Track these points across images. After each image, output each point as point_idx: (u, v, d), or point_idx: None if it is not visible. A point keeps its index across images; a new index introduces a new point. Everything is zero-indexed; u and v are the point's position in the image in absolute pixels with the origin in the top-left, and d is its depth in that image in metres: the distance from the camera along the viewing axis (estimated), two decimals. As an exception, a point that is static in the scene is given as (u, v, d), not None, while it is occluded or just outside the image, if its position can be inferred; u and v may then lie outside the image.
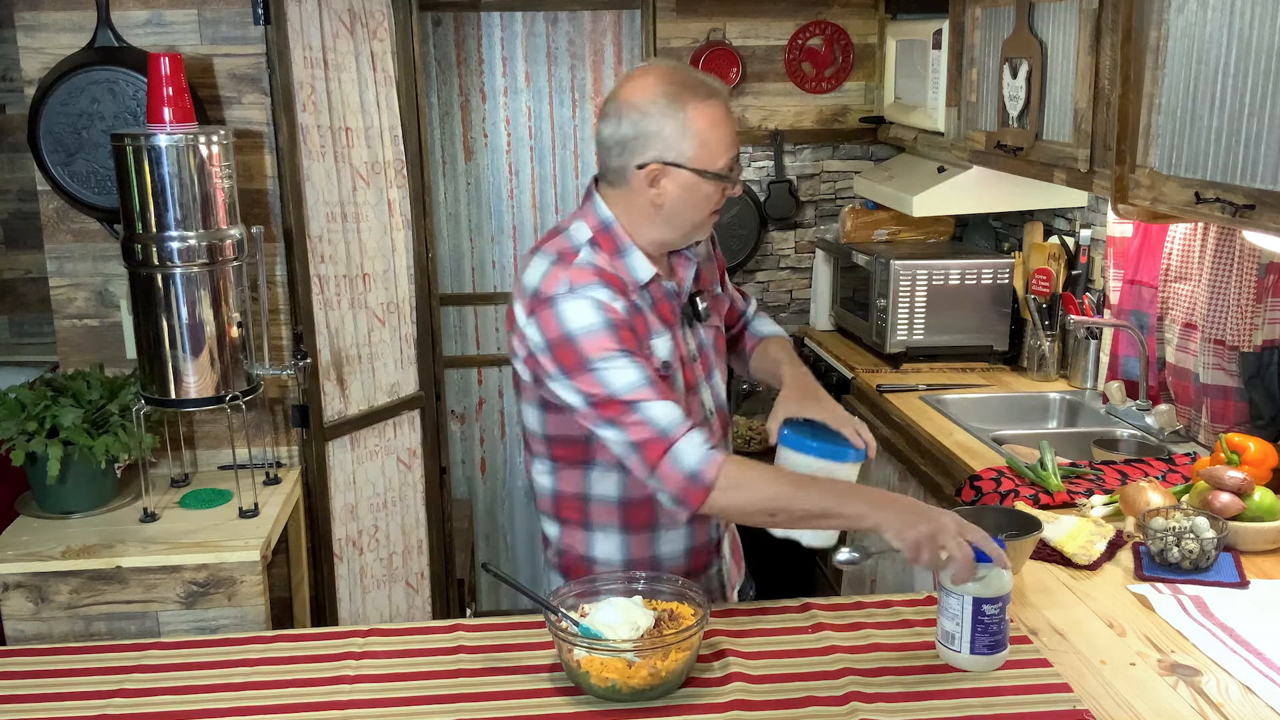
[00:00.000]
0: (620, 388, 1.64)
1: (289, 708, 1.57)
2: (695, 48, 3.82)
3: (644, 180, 1.71)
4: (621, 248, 1.76)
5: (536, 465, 1.85)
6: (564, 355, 1.67)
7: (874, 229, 3.82)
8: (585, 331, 1.65)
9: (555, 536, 1.89)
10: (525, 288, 1.76)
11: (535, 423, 1.81)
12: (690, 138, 1.69)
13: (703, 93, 1.70)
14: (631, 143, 1.70)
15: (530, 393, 1.79)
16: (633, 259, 1.75)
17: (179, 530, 2.50)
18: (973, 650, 1.62)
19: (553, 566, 1.93)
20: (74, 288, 2.77)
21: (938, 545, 1.57)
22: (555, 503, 1.85)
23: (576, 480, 1.81)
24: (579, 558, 1.86)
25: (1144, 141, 2.21)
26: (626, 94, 1.71)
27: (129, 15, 2.64)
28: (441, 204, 3.93)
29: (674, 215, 1.74)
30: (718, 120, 1.71)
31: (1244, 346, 2.43)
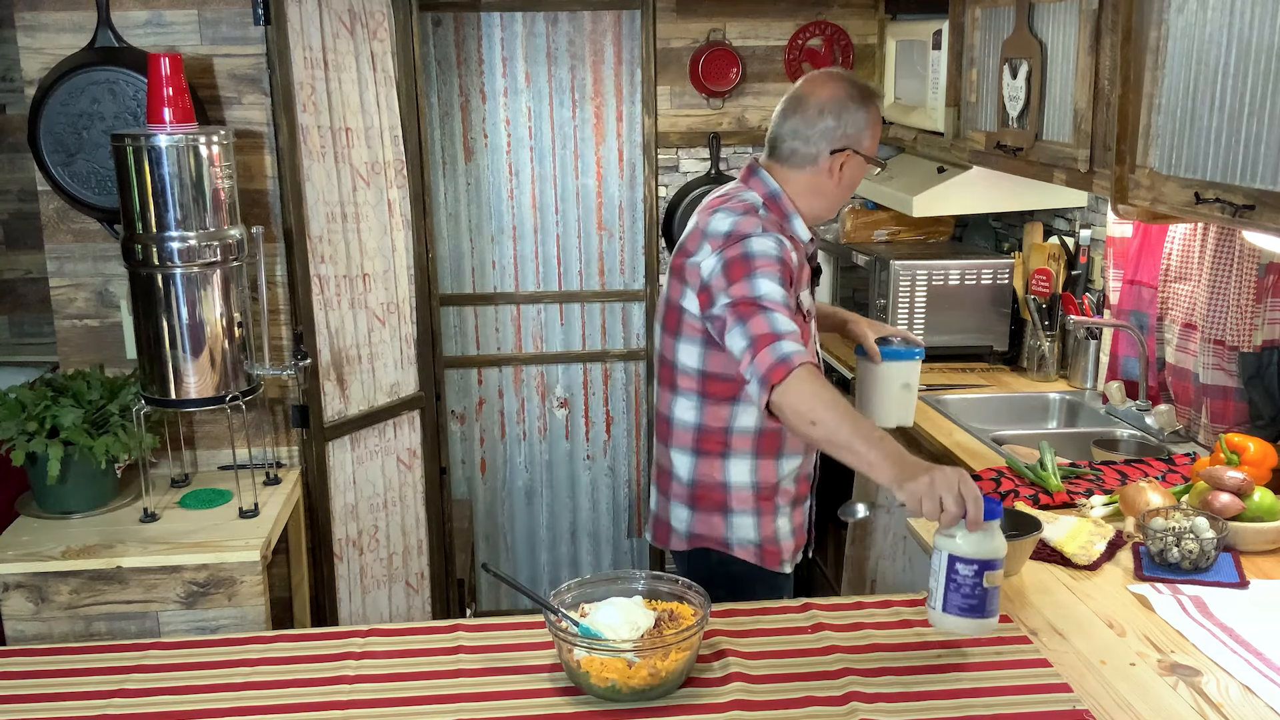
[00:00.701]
0: (763, 294, 1.95)
1: (289, 708, 1.57)
2: (695, 48, 3.82)
3: (834, 164, 2.12)
4: (787, 214, 2.13)
5: (680, 402, 2.14)
6: (734, 267, 1.99)
7: (874, 229, 3.82)
8: (761, 254, 1.99)
9: (689, 467, 2.16)
10: (714, 233, 2.06)
11: (694, 360, 2.10)
12: (870, 133, 2.13)
13: (874, 97, 2.14)
14: (830, 132, 2.10)
15: (695, 329, 2.08)
16: (796, 223, 2.13)
17: (179, 530, 2.50)
18: (944, 608, 1.63)
19: (679, 498, 2.19)
20: (74, 288, 2.77)
21: (936, 496, 1.64)
22: (697, 435, 2.14)
23: (722, 415, 2.11)
24: (715, 484, 2.14)
25: (1144, 141, 2.21)
26: (825, 94, 2.11)
27: (129, 15, 2.64)
28: (441, 204, 3.94)
29: (842, 192, 2.16)
30: (880, 119, 2.17)
31: (1244, 346, 2.43)
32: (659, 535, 2.26)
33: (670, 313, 2.13)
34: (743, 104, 3.88)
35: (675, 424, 2.16)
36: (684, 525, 2.19)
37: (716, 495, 2.14)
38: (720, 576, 2.17)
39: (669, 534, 2.23)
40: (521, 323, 4.05)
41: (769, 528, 2.18)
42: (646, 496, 4.16)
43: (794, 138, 2.13)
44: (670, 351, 2.15)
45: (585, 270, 4.03)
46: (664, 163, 3.92)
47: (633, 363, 4.10)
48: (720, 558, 2.18)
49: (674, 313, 2.12)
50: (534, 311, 4.04)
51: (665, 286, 2.17)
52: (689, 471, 2.16)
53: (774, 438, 2.13)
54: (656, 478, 2.26)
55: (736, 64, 3.82)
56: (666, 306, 2.15)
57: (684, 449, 2.16)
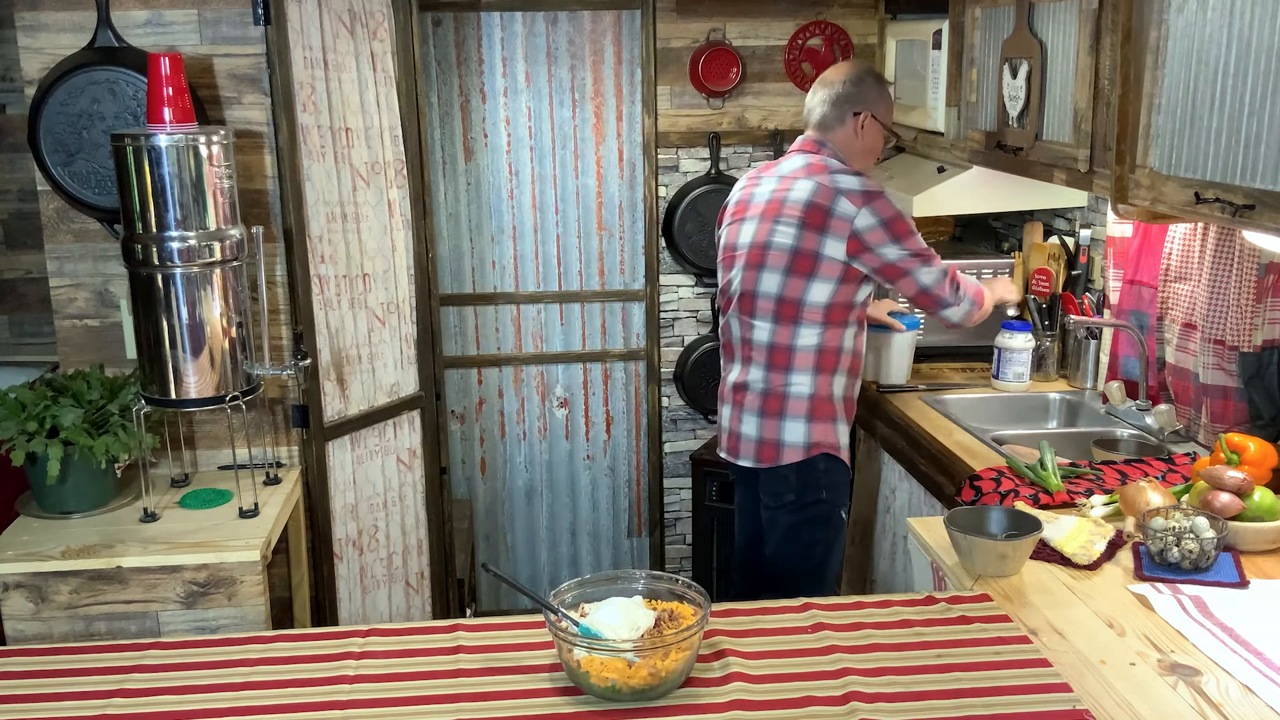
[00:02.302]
0: (925, 245, 2.68)
1: (289, 708, 1.57)
2: (695, 48, 3.82)
3: (855, 124, 2.76)
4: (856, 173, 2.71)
5: (804, 331, 2.67)
6: (896, 224, 2.63)
7: (874, 229, 3.82)
8: (901, 215, 2.65)
9: (810, 384, 2.71)
10: (849, 189, 2.64)
11: (825, 295, 2.65)
12: (885, 102, 2.79)
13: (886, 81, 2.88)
14: (851, 98, 2.75)
15: (833, 271, 2.64)
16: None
17: (179, 530, 2.50)
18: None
19: (796, 414, 2.71)
20: (74, 288, 2.77)
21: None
22: (818, 357, 2.69)
23: (837, 337, 2.70)
24: (827, 397, 2.71)
25: (1144, 141, 2.21)
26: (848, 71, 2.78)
27: (129, 15, 2.64)
28: (441, 204, 3.94)
29: (862, 153, 2.79)
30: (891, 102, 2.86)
31: (1244, 346, 2.43)
32: (763, 454, 2.74)
33: (803, 259, 2.64)
34: (743, 104, 3.88)
35: (798, 350, 2.69)
36: (801, 437, 2.70)
37: (828, 407, 2.71)
38: (827, 476, 2.73)
39: (779, 450, 2.73)
40: (521, 323, 4.05)
41: (846, 435, 2.78)
42: (647, 496, 4.17)
43: (823, 105, 2.76)
44: (798, 291, 2.65)
45: (585, 270, 4.03)
46: (664, 163, 3.92)
47: (633, 363, 4.09)
48: (829, 462, 2.73)
49: (808, 259, 2.63)
50: (534, 311, 4.04)
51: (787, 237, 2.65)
52: (810, 388, 2.70)
53: (857, 359, 2.77)
54: (762, 405, 2.73)
55: (736, 64, 3.82)
56: (796, 255, 2.64)
57: (805, 370, 2.69)
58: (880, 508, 3.05)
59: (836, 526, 2.80)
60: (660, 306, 4.03)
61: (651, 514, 4.19)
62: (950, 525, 1.98)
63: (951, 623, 1.77)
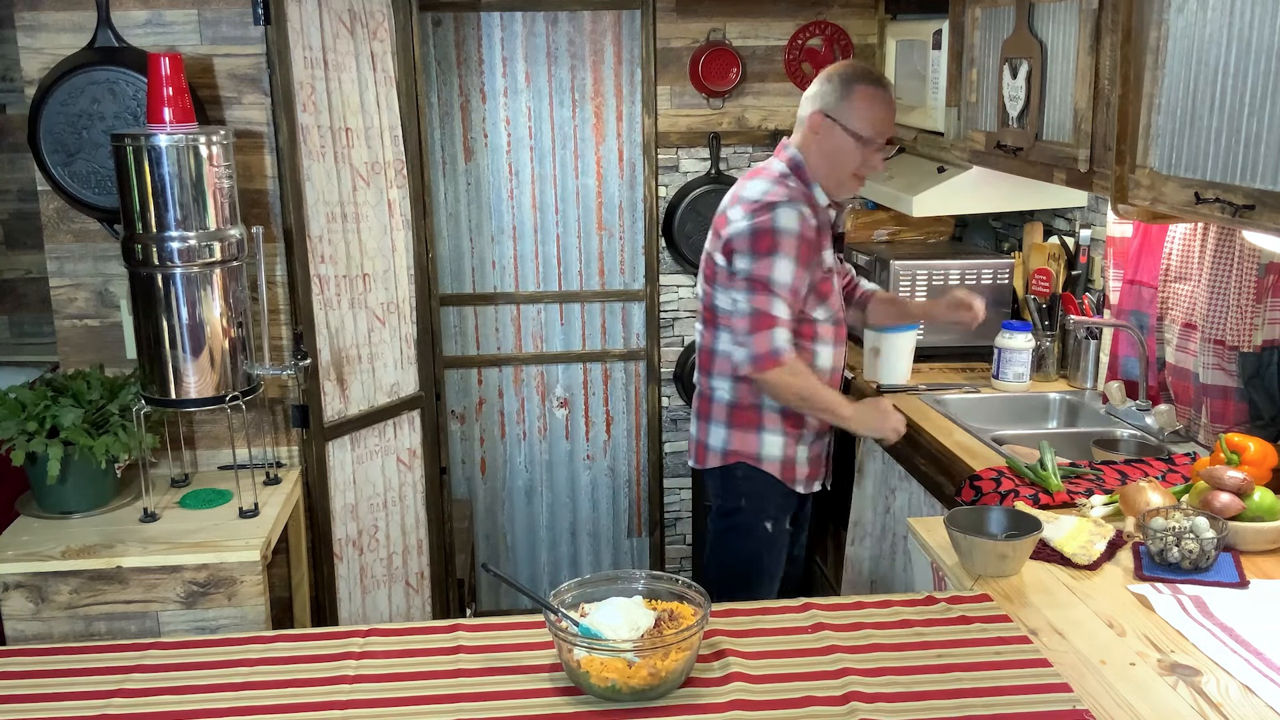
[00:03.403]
0: (776, 278, 2.43)
1: (289, 708, 1.57)
2: (695, 48, 3.82)
3: (809, 126, 2.52)
4: (808, 181, 2.55)
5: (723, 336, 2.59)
6: (761, 238, 2.43)
7: (874, 229, 3.82)
8: (785, 230, 2.42)
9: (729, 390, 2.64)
10: (746, 197, 2.50)
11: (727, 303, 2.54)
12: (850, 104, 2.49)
13: (871, 79, 2.52)
14: (811, 99, 2.55)
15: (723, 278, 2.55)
16: (816, 190, 2.55)
17: (179, 530, 2.50)
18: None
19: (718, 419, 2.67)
20: (74, 288, 2.77)
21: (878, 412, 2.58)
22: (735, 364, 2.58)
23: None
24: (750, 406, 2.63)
25: (1144, 141, 2.21)
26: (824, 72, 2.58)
27: (129, 15, 2.64)
28: (441, 204, 3.94)
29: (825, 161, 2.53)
30: (876, 100, 2.50)
31: (1244, 346, 2.43)
32: (697, 456, 2.73)
33: (709, 264, 2.60)
34: (743, 104, 3.88)
35: (717, 355, 2.64)
36: (720, 443, 2.65)
37: (751, 416, 2.62)
38: (747, 485, 2.65)
39: (705, 453, 2.69)
40: (521, 323, 4.05)
41: (791, 449, 2.64)
42: (647, 496, 4.17)
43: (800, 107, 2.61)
44: (709, 297, 2.61)
45: (585, 270, 4.03)
46: (664, 163, 3.92)
47: (633, 362, 4.09)
48: (749, 471, 2.64)
49: (710, 264, 2.59)
50: (534, 311, 4.04)
51: (708, 242, 2.63)
52: (729, 394, 2.63)
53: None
54: (697, 407, 2.73)
55: (736, 64, 3.82)
56: (706, 259, 2.61)
57: (724, 375, 2.63)
58: (880, 508, 3.05)
59: (761, 539, 2.70)
60: (660, 306, 4.03)
61: (651, 514, 4.19)
62: (950, 525, 1.98)
63: (951, 623, 1.77)
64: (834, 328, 2.63)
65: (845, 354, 2.73)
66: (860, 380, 3.27)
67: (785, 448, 2.65)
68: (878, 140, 2.52)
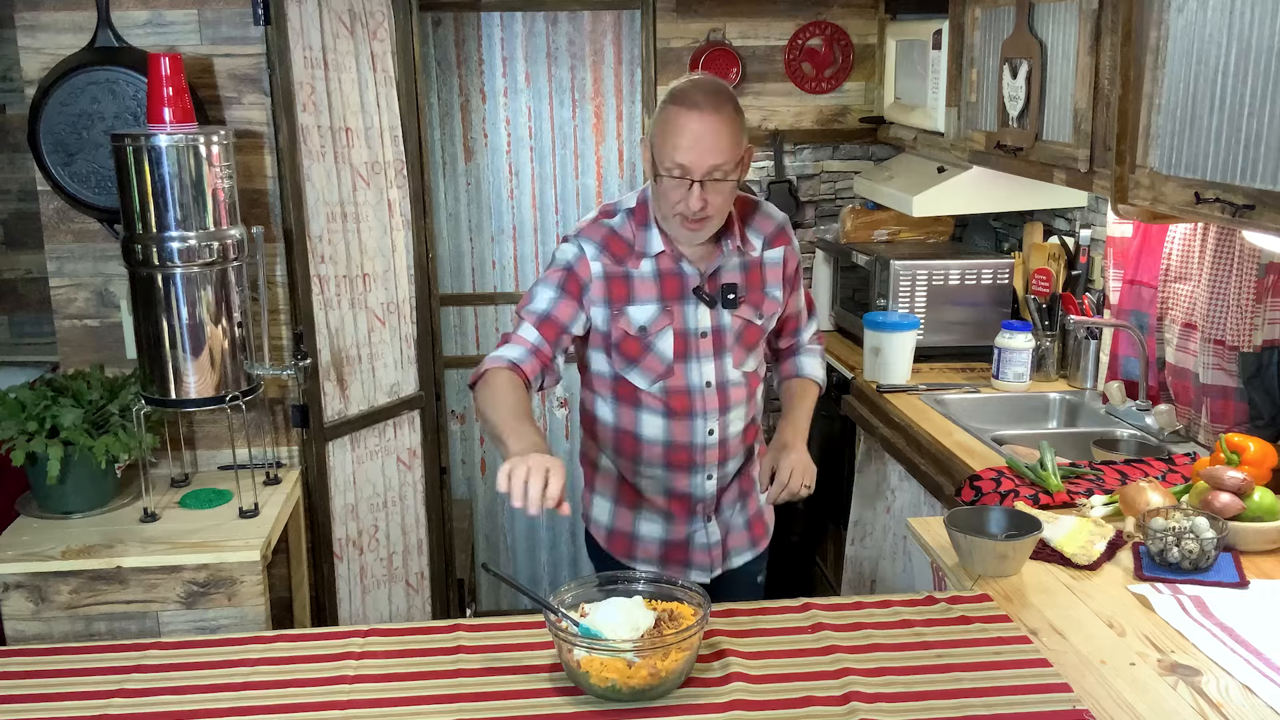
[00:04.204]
0: (528, 306, 2.08)
1: (289, 708, 1.57)
2: (695, 48, 3.82)
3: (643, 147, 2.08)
4: (646, 222, 2.09)
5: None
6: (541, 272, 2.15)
7: (874, 229, 3.82)
8: (555, 261, 2.10)
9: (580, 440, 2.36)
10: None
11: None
12: (658, 127, 1.99)
13: (687, 102, 1.95)
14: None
15: None
16: (650, 233, 2.08)
17: (179, 530, 2.50)
18: None
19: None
20: (74, 288, 2.77)
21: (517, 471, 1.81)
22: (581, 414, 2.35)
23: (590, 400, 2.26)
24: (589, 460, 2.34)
25: (1144, 142, 2.21)
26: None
27: (129, 15, 2.64)
28: (441, 204, 3.93)
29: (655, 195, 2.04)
30: (680, 127, 1.94)
31: (1244, 346, 2.43)
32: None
33: None
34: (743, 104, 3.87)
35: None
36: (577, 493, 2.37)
37: (588, 471, 2.34)
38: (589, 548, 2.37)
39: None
40: (521, 323, 4.05)
41: (607, 514, 2.29)
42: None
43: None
44: None
45: (585, 270, 4.03)
46: (664, 163, 3.91)
47: (633, 363, 4.09)
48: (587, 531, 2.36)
49: None
50: (534, 311, 4.04)
51: None
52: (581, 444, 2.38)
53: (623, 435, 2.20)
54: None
55: (736, 64, 3.82)
56: None
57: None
58: (880, 508, 3.05)
59: None
60: (660, 306, 4.03)
61: (651, 514, 4.18)
62: (950, 525, 1.98)
63: (951, 623, 1.77)
64: (664, 398, 2.12)
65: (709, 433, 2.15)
66: (860, 380, 3.28)
67: (615, 517, 2.27)
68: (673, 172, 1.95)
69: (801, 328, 2.35)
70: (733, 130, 1.96)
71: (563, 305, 2.06)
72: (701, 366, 2.13)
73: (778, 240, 2.19)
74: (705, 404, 2.14)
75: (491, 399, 1.95)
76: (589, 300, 2.08)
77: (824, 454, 3.58)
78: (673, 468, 2.18)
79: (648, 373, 2.11)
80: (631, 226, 2.09)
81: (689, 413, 2.14)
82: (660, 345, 2.10)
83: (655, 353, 2.10)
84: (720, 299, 2.11)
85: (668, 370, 2.10)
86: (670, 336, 2.10)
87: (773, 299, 2.18)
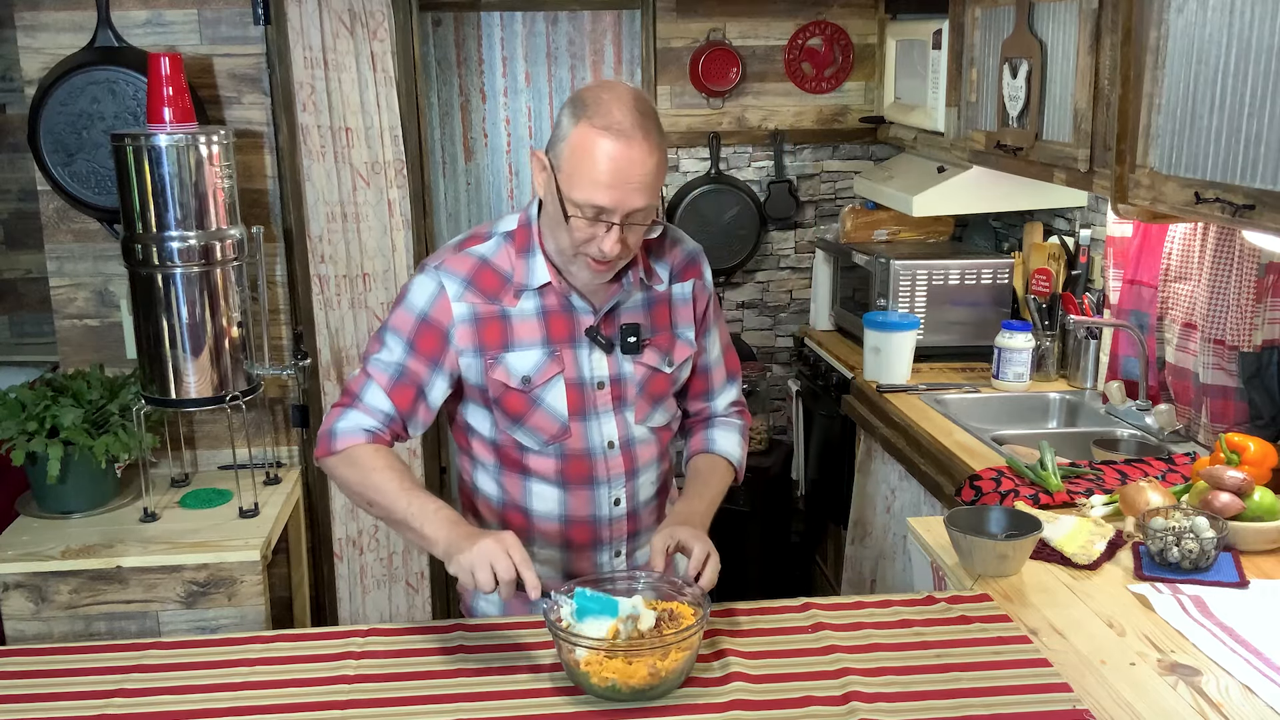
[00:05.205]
0: (376, 355, 1.74)
1: (288, 708, 1.57)
2: (695, 48, 3.82)
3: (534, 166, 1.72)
4: (529, 248, 1.77)
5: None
6: (394, 304, 1.78)
7: (874, 229, 3.82)
8: (406, 305, 1.74)
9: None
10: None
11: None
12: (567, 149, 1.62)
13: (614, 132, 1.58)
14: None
15: None
16: (533, 261, 1.76)
17: (179, 530, 2.50)
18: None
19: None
20: (74, 288, 2.77)
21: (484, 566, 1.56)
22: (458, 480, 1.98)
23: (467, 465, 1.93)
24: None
25: (1144, 141, 2.21)
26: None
27: (129, 15, 2.64)
28: (441, 204, 3.93)
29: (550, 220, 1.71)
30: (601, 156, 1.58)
31: (1244, 346, 2.43)
32: None
33: None
34: (743, 104, 3.88)
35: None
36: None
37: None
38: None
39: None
40: (521, 323, 4.05)
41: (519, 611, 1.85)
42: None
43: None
44: None
45: (585, 270, 4.03)
46: (664, 163, 3.91)
47: (633, 363, 4.09)
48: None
49: None
50: (534, 311, 4.04)
51: None
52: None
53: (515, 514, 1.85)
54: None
55: (736, 64, 3.82)
56: None
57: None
58: (880, 508, 3.05)
59: None
60: (660, 306, 4.03)
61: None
62: (950, 525, 1.98)
63: (951, 623, 1.77)
64: (559, 463, 1.79)
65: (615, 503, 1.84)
66: (860, 380, 3.28)
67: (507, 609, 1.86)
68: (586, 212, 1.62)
69: (714, 391, 1.95)
70: (661, 162, 1.62)
71: (415, 364, 1.73)
72: (601, 424, 1.79)
73: (688, 272, 1.85)
74: (609, 469, 1.81)
75: (366, 480, 1.69)
76: (455, 350, 1.73)
77: (824, 454, 3.57)
78: (572, 548, 1.84)
79: (537, 433, 1.76)
80: (509, 254, 1.75)
81: (590, 480, 1.80)
82: (549, 399, 1.75)
83: (545, 408, 1.75)
84: (620, 342, 1.77)
85: (563, 430, 1.76)
86: (561, 388, 1.75)
87: (685, 341, 1.85)
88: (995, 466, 2.47)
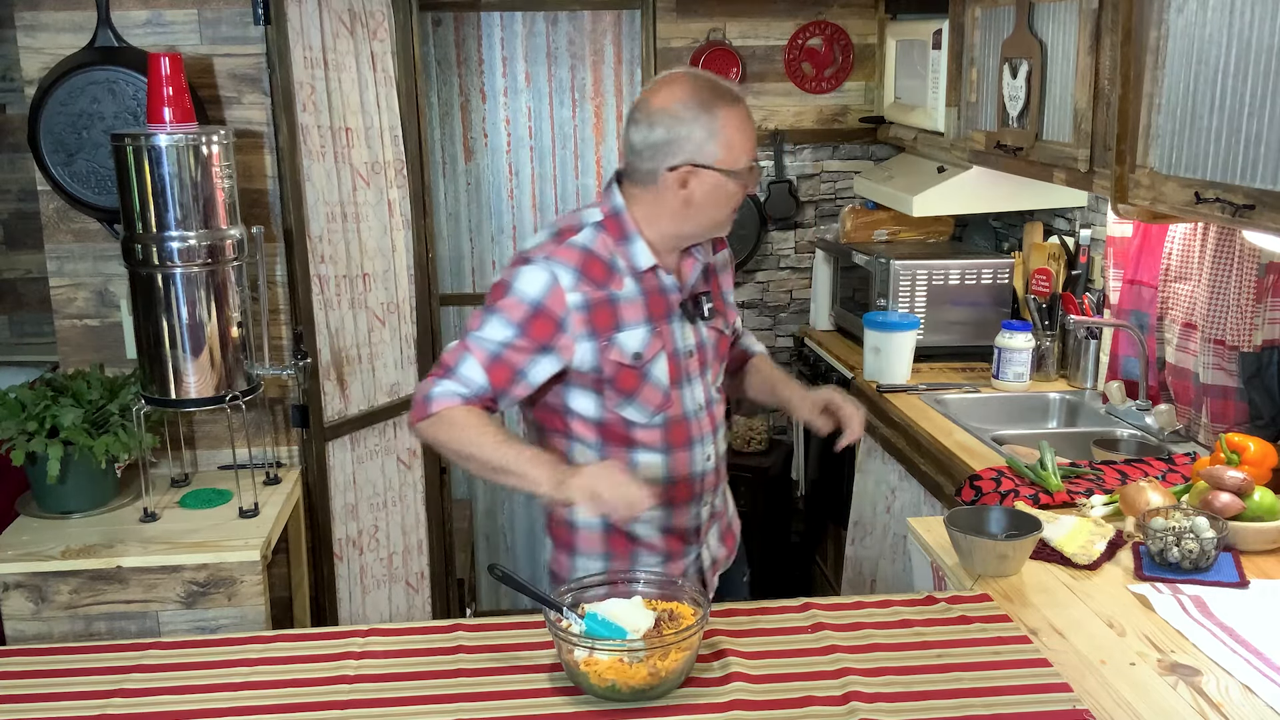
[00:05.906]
0: (480, 334, 1.82)
1: (288, 708, 1.57)
2: (695, 48, 3.82)
3: (674, 182, 1.83)
4: (627, 235, 1.88)
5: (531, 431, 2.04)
6: (493, 291, 1.86)
7: (874, 229, 3.82)
8: (518, 292, 1.82)
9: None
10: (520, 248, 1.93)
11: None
12: (718, 141, 1.81)
13: (729, 99, 1.82)
14: (664, 147, 1.81)
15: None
16: (636, 246, 1.88)
17: (179, 530, 2.50)
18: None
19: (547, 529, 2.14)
20: (74, 288, 2.77)
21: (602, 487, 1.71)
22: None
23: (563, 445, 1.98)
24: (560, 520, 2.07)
25: (1144, 141, 2.21)
26: (659, 101, 1.82)
27: (129, 15, 2.64)
28: (441, 204, 3.94)
29: (699, 212, 1.86)
30: (742, 125, 1.83)
31: (1244, 346, 2.43)
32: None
33: None
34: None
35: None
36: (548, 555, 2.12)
37: (563, 533, 2.05)
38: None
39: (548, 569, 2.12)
40: (521, 323, 4.05)
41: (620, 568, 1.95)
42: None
43: (632, 152, 1.85)
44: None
45: (585, 270, 4.03)
46: (664, 163, 3.91)
47: (633, 363, 4.09)
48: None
49: None
50: (534, 311, 4.04)
51: None
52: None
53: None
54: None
55: (736, 64, 3.82)
56: None
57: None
58: (880, 508, 3.05)
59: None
60: (660, 306, 4.03)
61: (651, 514, 4.18)
62: (950, 525, 1.98)
63: (951, 623, 1.77)
64: (663, 430, 1.92)
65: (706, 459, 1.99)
66: (860, 380, 3.28)
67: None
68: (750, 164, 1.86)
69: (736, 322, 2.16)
70: None
71: (521, 346, 1.81)
72: (694, 389, 1.95)
73: (719, 243, 2.05)
74: (701, 429, 1.96)
75: (463, 436, 1.78)
76: (571, 336, 1.82)
77: (824, 454, 3.58)
78: (674, 504, 1.97)
79: (645, 405, 1.89)
80: (606, 242, 1.86)
81: (688, 442, 1.95)
82: (656, 372, 1.89)
83: (652, 381, 1.89)
84: (701, 312, 1.95)
85: (665, 399, 1.90)
86: (665, 360, 1.89)
87: (730, 305, 2.08)
88: (995, 466, 2.47)
